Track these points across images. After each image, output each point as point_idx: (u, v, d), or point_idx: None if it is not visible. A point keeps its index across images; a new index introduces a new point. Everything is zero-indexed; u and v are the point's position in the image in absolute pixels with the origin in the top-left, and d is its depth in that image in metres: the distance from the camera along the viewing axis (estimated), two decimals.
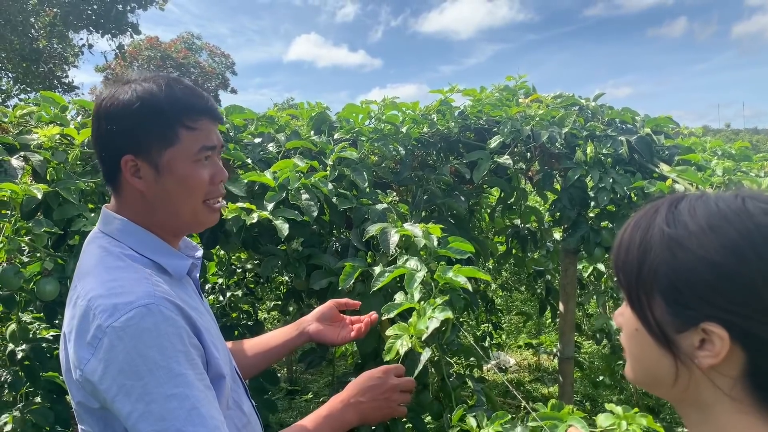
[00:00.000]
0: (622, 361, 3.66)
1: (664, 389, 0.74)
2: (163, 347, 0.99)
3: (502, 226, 3.47)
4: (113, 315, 0.99)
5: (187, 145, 1.14)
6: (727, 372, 0.67)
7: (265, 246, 2.21)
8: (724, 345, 0.65)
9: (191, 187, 1.16)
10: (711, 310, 0.66)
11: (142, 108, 1.11)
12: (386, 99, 2.59)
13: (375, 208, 2.09)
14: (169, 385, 0.98)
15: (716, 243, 0.66)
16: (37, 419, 2.12)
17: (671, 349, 0.70)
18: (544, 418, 1.27)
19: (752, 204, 0.68)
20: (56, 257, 1.97)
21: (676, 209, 0.72)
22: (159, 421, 0.96)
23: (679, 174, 2.41)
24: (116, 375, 0.97)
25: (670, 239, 0.69)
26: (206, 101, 1.18)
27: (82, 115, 2.48)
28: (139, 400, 0.97)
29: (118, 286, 1.03)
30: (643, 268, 0.71)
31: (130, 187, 1.15)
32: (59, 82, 15.86)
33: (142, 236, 1.15)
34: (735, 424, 0.69)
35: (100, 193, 2.21)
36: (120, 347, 0.97)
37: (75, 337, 1.02)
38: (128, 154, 1.12)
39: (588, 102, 2.91)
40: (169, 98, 1.13)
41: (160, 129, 1.12)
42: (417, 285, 1.57)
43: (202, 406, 1.00)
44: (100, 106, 1.13)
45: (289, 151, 2.39)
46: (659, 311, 0.70)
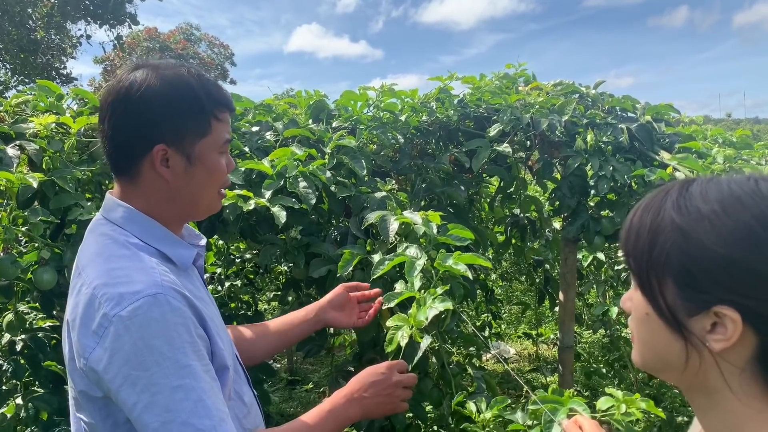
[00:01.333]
0: (620, 352, 3.66)
1: (673, 374, 0.74)
2: (170, 338, 0.99)
3: (502, 216, 3.45)
4: (120, 304, 0.98)
5: (216, 137, 1.16)
6: (736, 356, 0.67)
7: (263, 235, 2.20)
8: (737, 328, 0.65)
9: (215, 177, 1.18)
10: (724, 294, 0.65)
11: (182, 98, 1.11)
12: (384, 86, 2.58)
13: (374, 196, 2.08)
14: (175, 376, 0.98)
15: (730, 226, 0.65)
16: (40, 406, 2.12)
17: (682, 333, 0.69)
18: (545, 401, 1.26)
19: (766, 186, 0.67)
20: (53, 246, 1.96)
21: (688, 192, 0.70)
22: (165, 412, 0.96)
23: (680, 162, 2.40)
24: (122, 365, 0.97)
25: (681, 222, 0.68)
26: (228, 93, 1.20)
27: (78, 104, 2.46)
28: (145, 391, 0.97)
29: (124, 275, 1.02)
30: (654, 251, 0.70)
31: (153, 176, 1.13)
32: (57, 74, 15.80)
33: (147, 225, 1.14)
34: (743, 409, 0.68)
35: (97, 182, 2.20)
36: (126, 337, 0.97)
37: (80, 325, 1.02)
38: (161, 144, 1.10)
39: (588, 90, 2.89)
40: (203, 89, 1.13)
41: (197, 120, 1.13)
42: (417, 273, 1.56)
43: (208, 397, 1.00)
44: (130, 91, 1.09)
45: (287, 140, 2.37)
46: (670, 295, 0.69)
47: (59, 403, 2.17)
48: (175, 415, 0.97)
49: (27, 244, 2.17)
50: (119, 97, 1.10)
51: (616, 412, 1.23)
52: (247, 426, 1.24)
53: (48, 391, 2.18)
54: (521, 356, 5.69)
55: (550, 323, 6.11)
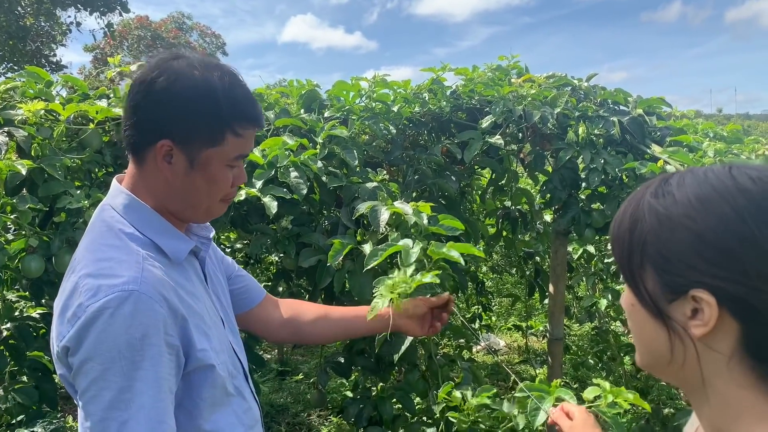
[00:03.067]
0: (608, 344, 3.68)
1: (666, 369, 0.74)
2: (132, 337, 0.99)
3: (493, 208, 3.45)
4: (95, 296, 0.99)
5: (228, 150, 1.12)
6: (722, 345, 0.66)
7: (254, 225, 2.20)
8: (713, 311, 0.64)
9: (216, 188, 1.15)
10: (698, 276, 0.65)
11: (201, 101, 1.08)
12: (377, 76, 2.56)
13: (365, 187, 2.08)
14: (127, 377, 0.98)
15: (699, 208, 0.66)
16: (22, 399, 2.10)
17: (664, 321, 0.70)
18: (532, 389, 1.27)
19: (738, 171, 0.67)
20: (41, 234, 1.95)
21: (667, 183, 0.72)
22: (108, 409, 0.97)
23: (671, 155, 2.41)
24: (82, 354, 0.98)
25: (657, 208, 0.69)
26: (258, 110, 1.16)
27: (67, 91, 2.44)
28: (95, 383, 0.98)
29: (108, 266, 1.03)
30: (633, 239, 0.71)
31: (155, 167, 1.12)
32: (47, 61, 15.64)
33: (147, 215, 1.13)
34: (734, 400, 0.68)
35: (87, 170, 2.18)
36: (92, 328, 0.98)
37: (60, 312, 1.03)
38: (167, 139, 1.09)
39: (581, 83, 2.89)
40: (228, 100, 1.10)
41: (210, 128, 1.10)
42: (413, 260, 1.55)
43: (152, 407, 1.00)
44: (157, 79, 1.08)
45: (279, 129, 2.36)
46: (651, 282, 0.70)
47: (47, 393, 2.16)
48: (117, 414, 0.97)
49: (15, 232, 2.15)
50: (146, 81, 1.09)
51: (602, 402, 1.23)
52: (246, 422, 1.23)
53: (32, 382, 2.16)
54: (511, 348, 5.72)
55: (539, 316, 6.14)
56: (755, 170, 0.67)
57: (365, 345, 2.08)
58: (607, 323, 4.09)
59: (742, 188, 0.65)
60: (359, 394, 2.07)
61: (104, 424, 0.97)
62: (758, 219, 0.63)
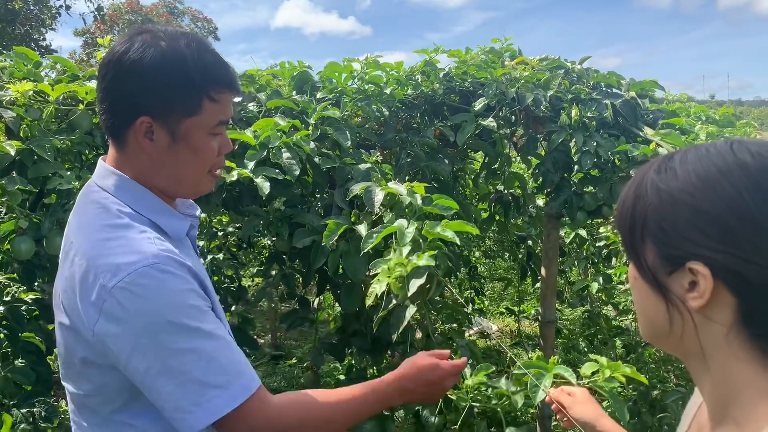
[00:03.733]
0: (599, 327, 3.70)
1: (666, 341, 0.75)
2: (173, 304, 0.99)
3: (486, 192, 3.45)
4: (117, 275, 0.97)
5: (207, 117, 1.10)
6: (719, 318, 0.67)
7: (246, 207, 2.19)
8: (708, 283, 0.65)
9: (202, 158, 1.13)
10: (694, 248, 0.66)
11: (172, 72, 1.05)
12: (369, 57, 2.55)
13: (358, 168, 2.07)
14: (184, 340, 0.98)
15: (698, 183, 0.67)
16: (19, 379, 2.10)
17: (663, 292, 0.71)
18: (530, 366, 1.27)
19: (739, 146, 0.68)
20: (31, 216, 1.93)
21: (670, 159, 0.72)
22: (178, 375, 0.97)
23: (663, 137, 2.41)
24: (129, 335, 0.97)
25: (659, 183, 0.70)
26: (231, 73, 1.14)
27: (56, 72, 2.41)
28: (156, 358, 0.97)
29: (119, 245, 1.01)
30: (636, 214, 0.72)
31: (137, 146, 1.09)
32: (36, 45, 15.43)
33: (141, 194, 1.11)
34: (735, 374, 0.68)
35: (77, 152, 2.17)
36: (129, 307, 0.97)
37: (80, 296, 1.00)
38: (146, 116, 1.06)
39: (574, 65, 2.88)
40: (198, 66, 1.07)
41: (186, 98, 1.07)
42: (408, 240, 1.55)
43: (221, 355, 1.01)
44: (124, 55, 1.05)
45: (270, 111, 2.35)
46: (651, 256, 0.71)
47: (41, 374, 2.16)
48: (189, 376, 0.97)
49: (5, 215, 2.13)
50: (113, 61, 1.07)
51: (600, 377, 1.24)
52: None
53: (28, 363, 2.16)
54: (503, 333, 5.75)
55: (532, 300, 6.17)
56: (756, 145, 0.68)
57: (360, 326, 2.09)
58: (598, 307, 4.12)
59: (741, 163, 0.66)
60: (354, 375, 2.08)
61: (181, 390, 0.98)
62: (755, 193, 0.64)
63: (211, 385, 0.99)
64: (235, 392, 1.01)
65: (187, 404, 0.98)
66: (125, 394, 1.05)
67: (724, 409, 0.70)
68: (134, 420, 1.06)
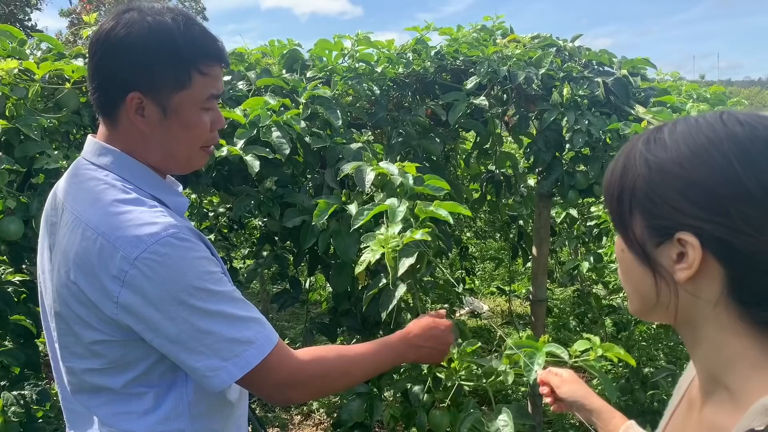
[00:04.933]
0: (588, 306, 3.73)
1: (655, 313, 0.74)
2: (196, 271, 1.02)
3: (478, 172, 3.45)
4: (138, 246, 0.99)
5: (197, 91, 1.11)
6: (708, 289, 0.67)
7: (237, 187, 2.17)
8: (696, 254, 0.65)
9: (194, 133, 1.14)
10: (682, 218, 0.66)
11: (159, 46, 1.07)
12: (359, 34, 2.52)
13: (349, 147, 2.06)
14: (210, 302, 1.03)
15: (687, 153, 0.67)
16: (9, 361, 2.09)
17: (651, 264, 0.70)
18: (521, 346, 1.27)
19: (729, 116, 0.68)
20: (18, 196, 1.91)
21: (659, 131, 0.72)
22: (208, 335, 1.02)
23: (655, 115, 2.41)
24: (156, 303, 1.00)
25: (647, 155, 0.70)
26: (219, 46, 1.15)
27: (41, 51, 2.37)
28: (185, 322, 1.01)
29: (134, 218, 1.02)
30: (624, 186, 0.72)
31: (129, 123, 1.10)
32: (22, 26, 15.21)
33: (141, 171, 1.12)
34: (726, 346, 0.68)
35: (65, 132, 2.14)
36: (154, 277, 0.99)
37: (100, 270, 1.00)
38: (136, 91, 1.07)
39: (566, 43, 2.87)
40: (186, 40, 1.08)
41: (175, 71, 1.08)
42: (400, 219, 1.54)
43: (245, 313, 1.07)
44: (111, 32, 1.06)
45: (260, 90, 2.32)
46: (638, 227, 0.71)
47: (30, 357, 2.14)
48: (218, 336, 1.03)
49: None
50: (101, 39, 1.07)
51: (591, 355, 1.24)
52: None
53: (17, 345, 2.14)
54: (494, 312, 5.78)
55: (523, 280, 6.20)
56: (745, 115, 0.68)
57: (351, 306, 2.09)
58: (588, 286, 4.14)
59: (730, 132, 0.66)
60: None
61: (213, 348, 1.03)
62: (744, 162, 0.64)
63: (239, 341, 1.04)
64: (262, 344, 1.06)
65: (219, 361, 1.03)
66: (142, 363, 1.07)
67: (716, 380, 0.70)
68: (149, 389, 1.09)
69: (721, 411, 0.69)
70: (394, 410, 1.72)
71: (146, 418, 1.08)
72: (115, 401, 1.09)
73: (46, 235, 1.16)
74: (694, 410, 0.77)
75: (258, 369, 1.06)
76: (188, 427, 1.11)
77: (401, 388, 1.72)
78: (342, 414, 1.80)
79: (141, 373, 1.07)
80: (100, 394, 1.10)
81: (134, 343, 1.05)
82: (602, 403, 1.17)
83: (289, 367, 1.12)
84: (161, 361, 1.08)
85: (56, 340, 1.13)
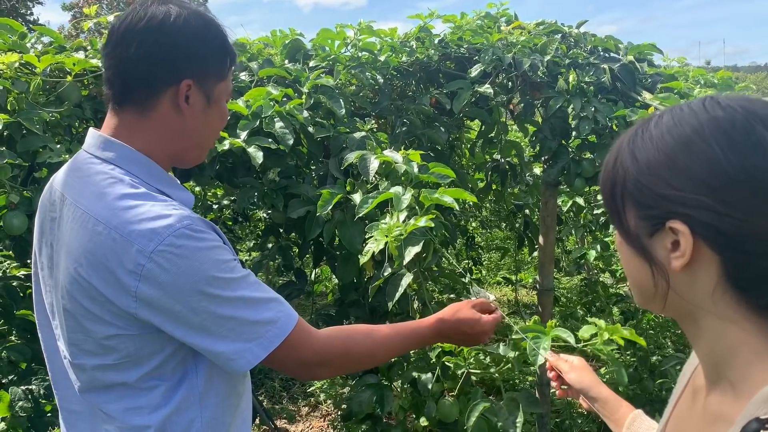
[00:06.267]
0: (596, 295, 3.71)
1: (656, 304, 0.74)
2: (213, 260, 1.02)
3: (483, 161, 3.42)
4: (153, 239, 0.98)
5: (229, 82, 1.17)
6: (704, 277, 0.67)
7: (240, 179, 2.16)
8: (688, 241, 0.65)
9: (222, 123, 1.20)
10: (671, 206, 0.66)
11: (214, 38, 1.11)
12: (362, 23, 2.49)
13: (353, 137, 2.04)
14: (230, 289, 1.04)
15: (669, 139, 0.68)
16: (15, 356, 2.09)
17: (645, 255, 0.71)
18: (527, 331, 1.26)
19: (711, 102, 0.68)
20: (22, 190, 1.90)
21: (647, 122, 0.73)
22: (231, 320, 1.03)
23: (662, 101, 2.38)
24: (176, 295, 1.00)
25: (635, 147, 0.71)
26: None
27: (42, 44, 2.35)
28: (206, 311, 1.02)
29: (146, 211, 1.01)
30: (616, 178, 0.73)
31: (169, 110, 1.10)
32: (24, 20, 15.22)
33: (149, 166, 1.11)
34: (726, 334, 0.67)
35: (67, 125, 2.12)
36: (171, 269, 0.99)
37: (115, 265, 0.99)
38: (189, 79, 1.09)
39: (571, 30, 2.83)
40: (224, 32, 1.14)
41: (221, 62, 1.13)
42: (404, 207, 1.52)
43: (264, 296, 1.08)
44: (166, 21, 1.07)
45: (263, 80, 2.30)
46: (632, 219, 0.71)
47: (36, 352, 2.14)
48: (241, 320, 1.04)
49: None
50: (151, 26, 1.07)
51: (599, 339, 1.23)
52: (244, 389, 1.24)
53: (24, 340, 2.14)
54: (501, 302, 5.77)
55: (529, 269, 6.18)
56: (728, 99, 0.68)
57: (358, 296, 2.08)
58: (595, 274, 4.12)
59: (710, 117, 0.66)
60: None
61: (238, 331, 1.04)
62: (723, 144, 0.64)
63: (261, 322, 1.06)
64: (284, 323, 1.08)
65: (243, 343, 1.05)
66: (157, 357, 1.07)
67: (719, 370, 0.70)
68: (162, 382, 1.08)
69: (724, 400, 0.69)
70: (403, 401, 1.71)
71: (158, 411, 1.08)
72: (127, 396, 1.08)
73: (43, 231, 1.15)
74: (699, 399, 0.76)
75: (282, 347, 1.07)
76: (198, 416, 1.11)
77: (410, 377, 1.71)
78: (353, 406, 1.79)
79: (155, 366, 1.07)
80: (111, 390, 1.09)
81: (149, 336, 1.05)
82: (609, 393, 1.17)
83: (312, 346, 1.13)
84: (175, 353, 1.08)
85: (63, 338, 1.11)
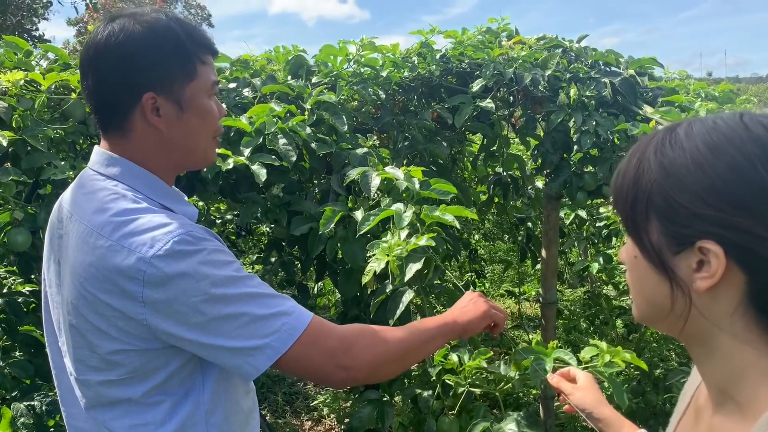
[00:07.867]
0: (599, 307, 3.70)
1: (666, 322, 0.72)
2: (215, 261, 1.02)
3: (485, 175, 3.43)
4: (153, 246, 0.98)
5: (202, 80, 1.13)
6: (726, 297, 0.65)
7: (243, 194, 2.17)
8: (720, 263, 0.62)
9: (208, 122, 1.16)
10: (705, 226, 0.63)
11: (165, 43, 1.08)
12: (364, 39, 2.51)
13: (355, 153, 2.05)
14: (235, 288, 1.02)
15: (709, 156, 0.64)
16: (18, 373, 2.09)
17: (667, 272, 0.68)
18: (529, 352, 1.26)
19: (750, 119, 0.65)
20: (26, 207, 1.91)
21: (674, 131, 0.69)
22: (241, 316, 1.01)
23: (663, 115, 2.38)
24: (181, 296, 0.98)
25: (664, 159, 0.67)
26: (208, 36, 1.17)
27: (47, 61, 2.38)
28: (213, 311, 1.00)
29: (146, 221, 1.02)
30: (639, 190, 0.69)
31: (145, 127, 1.09)
32: (29, 35, 15.31)
33: (150, 180, 1.12)
34: (737, 355, 0.66)
35: (71, 142, 2.14)
36: (171, 272, 0.98)
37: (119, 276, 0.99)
38: (149, 92, 1.07)
39: (572, 44, 2.85)
40: (185, 32, 1.11)
41: (182, 63, 1.10)
42: (406, 224, 1.53)
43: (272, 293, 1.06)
44: (109, 41, 1.06)
45: (266, 96, 2.32)
46: (655, 233, 0.68)
47: (40, 368, 2.14)
48: (251, 315, 1.01)
49: (0, 206, 2.11)
50: (99, 49, 1.07)
51: (599, 362, 1.23)
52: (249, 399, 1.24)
53: (27, 356, 2.15)
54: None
55: (532, 282, 6.17)
56: (766, 118, 0.65)
57: (360, 312, 2.08)
58: (599, 287, 4.11)
59: (753, 136, 0.63)
60: None
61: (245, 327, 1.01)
62: None
63: (274, 315, 1.02)
64: (299, 314, 1.04)
65: (258, 339, 1.01)
66: (162, 371, 1.06)
67: (726, 390, 0.68)
68: (167, 398, 1.08)
69: (730, 420, 0.67)
70: (404, 417, 1.70)
71: (163, 428, 1.07)
72: (132, 413, 1.08)
73: (52, 248, 1.15)
74: (703, 418, 0.75)
75: (302, 340, 1.02)
76: None
77: (410, 394, 1.70)
78: (353, 421, 1.79)
79: (161, 381, 1.06)
80: (116, 406, 1.08)
81: (154, 352, 1.04)
82: (611, 412, 1.15)
83: (336, 331, 1.09)
84: (180, 369, 1.07)
85: (69, 354, 1.12)
